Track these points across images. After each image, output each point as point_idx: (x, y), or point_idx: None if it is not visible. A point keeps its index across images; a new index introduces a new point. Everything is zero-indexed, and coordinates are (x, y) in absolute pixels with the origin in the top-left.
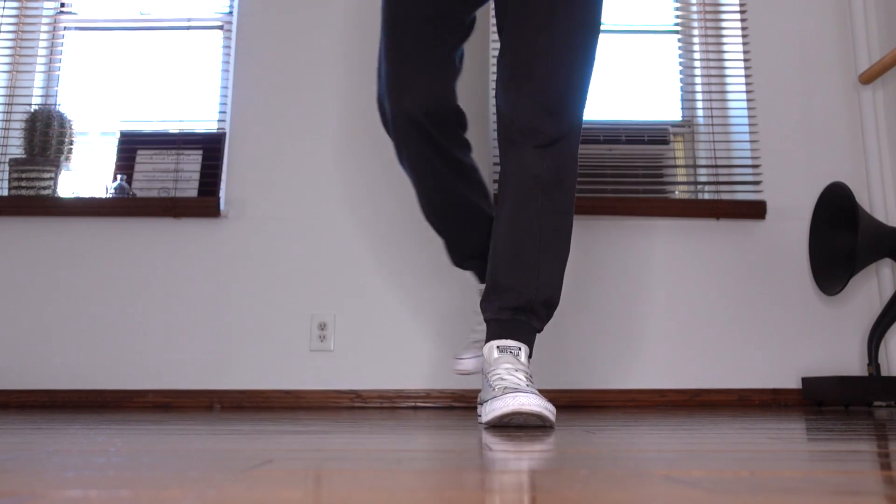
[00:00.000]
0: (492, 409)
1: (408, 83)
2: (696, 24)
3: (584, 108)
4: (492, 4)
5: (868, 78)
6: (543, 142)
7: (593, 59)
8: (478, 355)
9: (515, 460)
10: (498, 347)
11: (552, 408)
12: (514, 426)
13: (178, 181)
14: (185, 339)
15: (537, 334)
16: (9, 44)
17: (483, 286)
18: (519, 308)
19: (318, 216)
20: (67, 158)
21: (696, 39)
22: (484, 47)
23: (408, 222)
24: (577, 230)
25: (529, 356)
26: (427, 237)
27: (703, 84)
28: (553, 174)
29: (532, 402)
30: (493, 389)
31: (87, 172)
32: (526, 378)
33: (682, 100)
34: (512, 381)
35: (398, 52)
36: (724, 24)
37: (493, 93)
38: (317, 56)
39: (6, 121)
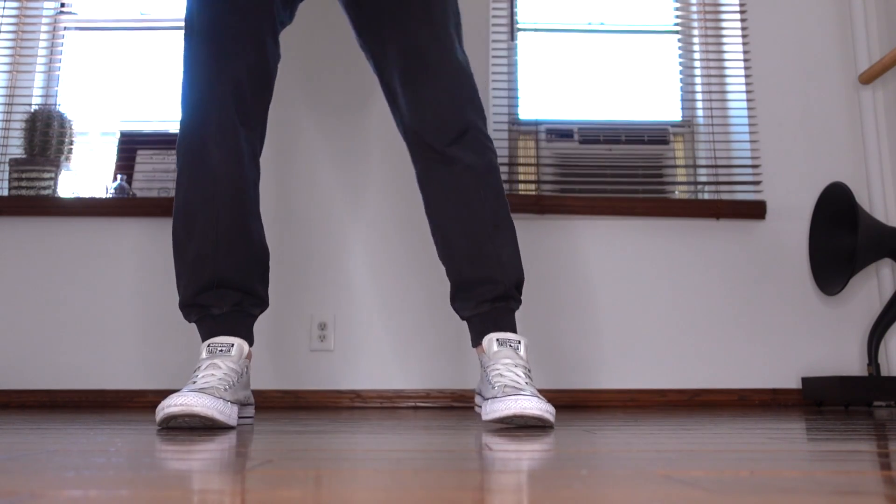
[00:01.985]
0: (492, 410)
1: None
2: (696, 24)
3: (478, 92)
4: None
5: (868, 78)
6: (459, 133)
7: (462, 44)
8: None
9: (515, 460)
10: (497, 340)
11: (552, 409)
12: (511, 427)
13: None
14: (186, 339)
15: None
16: (9, 44)
17: (210, 341)
18: (496, 297)
19: (318, 216)
20: (67, 158)
21: (696, 39)
22: (484, 45)
23: (408, 222)
24: (578, 230)
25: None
26: (428, 237)
27: (703, 84)
28: (481, 160)
29: (532, 406)
30: (493, 388)
31: (87, 172)
32: (524, 374)
33: (682, 100)
34: (511, 379)
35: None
36: (724, 24)
37: (493, 91)
38: (315, 55)
39: (6, 121)
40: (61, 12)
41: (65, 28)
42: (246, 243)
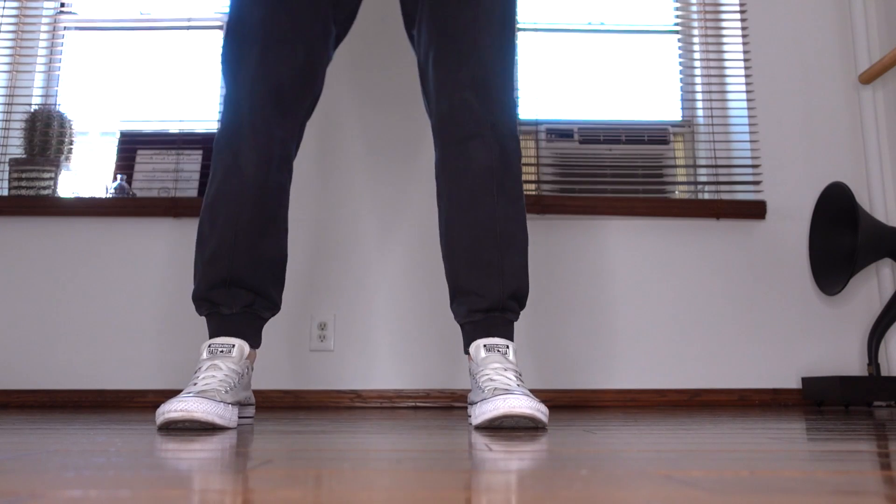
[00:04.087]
0: (482, 413)
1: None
2: (696, 24)
3: (516, 91)
4: None
5: (868, 78)
6: (483, 127)
7: (514, 44)
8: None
9: (515, 460)
10: (485, 346)
11: (544, 409)
12: (507, 428)
13: (178, 181)
14: (185, 339)
15: (515, 324)
16: (9, 44)
17: (211, 342)
18: (490, 309)
19: (318, 216)
20: (67, 158)
21: (696, 39)
22: None
23: (408, 222)
24: (578, 230)
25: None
26: (428, 237)
27: (703, 84)
28: (501, 161)
29: (523, 405)
30: (483, 391)
31: (87, 172)
32: (516, 377)
33: (682, 100)
34: (502, 382)
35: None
36: (724, 24)
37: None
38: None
39: (6, 121)
40: (61, 12)
41: (65, 28)
42: (264, 245)
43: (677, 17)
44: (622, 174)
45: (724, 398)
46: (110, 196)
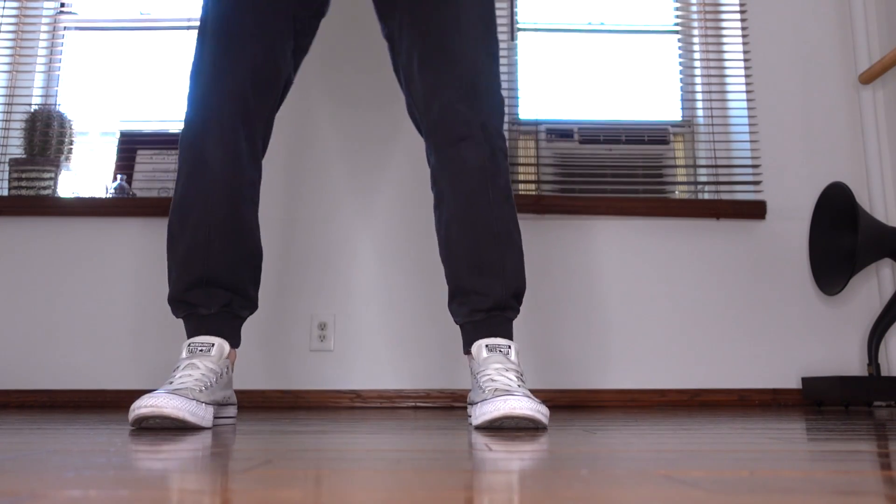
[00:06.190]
0: (482, 413)
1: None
2: (696, 24)
3: (500, 88)
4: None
5: (868, 78)
6: (474, 129)
7: (496, 42)
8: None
9: (515, 460)
10: (487, 346)
11: (545, 410)
12: (507, 429)
13: None
14: (185, 339)
15: (516, 325)
16: (9, 44)
17: (193, 340)
18: (492, 308)
19: (318, 216)
20: (67, 158)
21: (696, 39)
22: None
23: (408, 222)
24: (578, 230)
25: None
26: (428, 237)
27: (703, 84)
28: (491, 161)
29: (523, 405)
30: (484, 391)
31: (87, 172)
32: (517, 378)
33: (682, 100)
34: (503, 383)
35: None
36: (724, 24)
37: None
38: (316, 55)
39: (6, 121)
40: (61, 12)
41: (65, 28)
42: (239, 242)
43: (677, 17)
44: (622, 174)
45: (724, 398)
46: (110, 196)
